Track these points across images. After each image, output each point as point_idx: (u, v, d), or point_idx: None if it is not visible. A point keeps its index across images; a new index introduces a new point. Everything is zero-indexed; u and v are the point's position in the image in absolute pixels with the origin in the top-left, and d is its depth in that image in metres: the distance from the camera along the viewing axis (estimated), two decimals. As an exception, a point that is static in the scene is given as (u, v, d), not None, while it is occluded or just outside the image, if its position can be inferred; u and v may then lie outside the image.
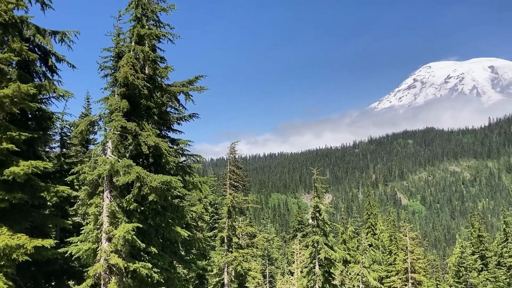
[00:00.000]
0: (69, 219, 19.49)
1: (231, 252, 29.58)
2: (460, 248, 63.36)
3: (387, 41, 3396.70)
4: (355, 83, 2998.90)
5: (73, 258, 16.59)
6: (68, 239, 17.50)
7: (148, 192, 15.84)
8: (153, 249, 16.39)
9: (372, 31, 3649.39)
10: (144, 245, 16.03)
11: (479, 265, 60.18)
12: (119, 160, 16.06)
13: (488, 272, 57.12)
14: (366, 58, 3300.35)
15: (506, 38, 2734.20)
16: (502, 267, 55.29)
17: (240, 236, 31.40)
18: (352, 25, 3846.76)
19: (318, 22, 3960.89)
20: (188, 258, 21.35)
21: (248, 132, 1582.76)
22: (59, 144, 20.91)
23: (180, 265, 21.22)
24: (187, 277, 28.82)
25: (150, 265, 16.02)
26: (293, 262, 53.53)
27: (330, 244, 30.24)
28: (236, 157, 45.82)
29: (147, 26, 17.68)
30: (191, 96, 18.88)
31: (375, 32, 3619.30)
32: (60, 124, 20.33)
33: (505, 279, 53.73)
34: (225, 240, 30.18)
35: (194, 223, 23.59)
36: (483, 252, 62.15)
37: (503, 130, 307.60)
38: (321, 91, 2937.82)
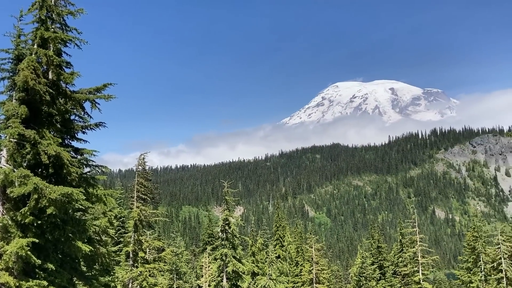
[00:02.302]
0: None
1: (137, 267, 28.61)
2: (361, 259, 67.14)
3: (299, 60, 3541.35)
4: (269, 98, 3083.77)
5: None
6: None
7: (47, 204, 14.87)
8: (50, 266, 15.37)
9: (286, 50, 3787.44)
10: (40, 261, 14.97)
11: (377, 274, 64.14)
12: (15, 170, 14.93)
13: (385, 281, 61.02)
14: (280, 74, 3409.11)
15: (405, 63, 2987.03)
16: (398, 276, 59.36)
17: (147, 250, 30.51)
18: (269, 44, 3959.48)
19: (233, 37, 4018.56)
20: (90, 274, 20.25)
21: (160, 142, 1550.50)
22: None
23: (80, 282, 20.06)
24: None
25: (45, 283, 14.98)
26: (202, 276, 53.00)
27: (238, 257, 30.48)
28: (146, 168, 44.62)
29: (52, 29, 16.75)
30: (98, 104, 18.14)
31: (289, 50, 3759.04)
32: None
33: (400, 287, 57.73)
34: (131, 255, 29.13)
35: (97, 237, 22.45)
36: (381, 262, 66.37)
37: (401, 147, 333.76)
38: (236, 104, 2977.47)
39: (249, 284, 43.44)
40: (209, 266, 50.69)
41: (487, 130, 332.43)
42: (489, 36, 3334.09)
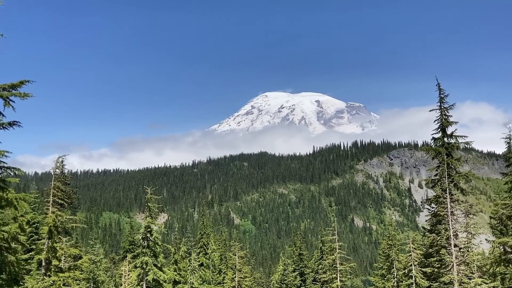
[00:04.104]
0: None
1: (49, 276, 26.95)
2: (283, 266, 68.41)
3: (231, 67, 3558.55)
4: (199, 104, 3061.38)
5: None
6: None
7: None
8: None
9: (217, 56, 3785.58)
10: None
11: (298, 281, 65.68)
12: None
13: None
14: (211, 80, 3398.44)
15: (331, 77, 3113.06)
16: (317, 283, 61.12)
17: (62, 258, 28.88)
18: (200, 49, 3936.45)
19: (163, 41, 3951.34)
20: (-5, 284, 18.79)
21: (82, 145, 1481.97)
22: None
23: (-17, 293, 18.54)
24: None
25: None
26: (121, 285, 51.15)
27: (159, 265, 29.78)
28: (65, 171, 42.35)
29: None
30: (13, 102, 17.00)
31: (221, 57, 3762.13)
32: None
33: (319, 293, 59.46)
34: (43, 263, 27.39)
35: (6, 245, 20.94)
36: (302, 269, 68.05)
37: (324, 158, 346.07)
38: (165, 109, 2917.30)
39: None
40: (128, 275, 49.04)
41: (403, 144, 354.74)
42: (409, 54, 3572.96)
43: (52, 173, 31.64)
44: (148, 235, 29.75)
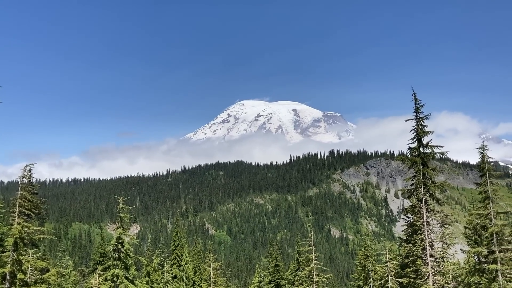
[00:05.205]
0: None
1: (14, 290, 26.12)
2: (258, 277, 68.18)
3: (207, 74, 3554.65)
4: (174, 112, 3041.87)
5: None
6: None
7: None
8: None
9: (193, 65, 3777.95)
10: None
11: (274, 292, 65.47)
12: None
13: (281, 299, 62.46)
14: (186, 88, 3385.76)
15: (308, 86, 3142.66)
16: (293, 294, 61.10)
17: (28, 271, 28.04)
18: (173, 58, 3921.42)
19: (136, 48, 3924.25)
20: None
21: (52, 153, 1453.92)
22: None
23: None
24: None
25: None
26: (91, 299, 49.90)
27: (131, 278, 29.24)
28: (32, 180, 41.29)
29: None
30: (-23, 108, 16.49)
31: (196, 65, 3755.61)
32: None
33: (295, 304, 59.40)
34: (7, 277, 26.53)
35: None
36: (278, 280, 67.92)
37: (301, 167, 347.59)
38: (138, 116, 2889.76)
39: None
40: (99, 288, 47.97)
41: (380, 154, 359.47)
42: (386, 63, 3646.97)
43: (19, 182, 30.81)
44: (120, 246, 29.20)
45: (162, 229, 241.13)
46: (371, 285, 45.71)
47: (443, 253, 32.34)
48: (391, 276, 38.89)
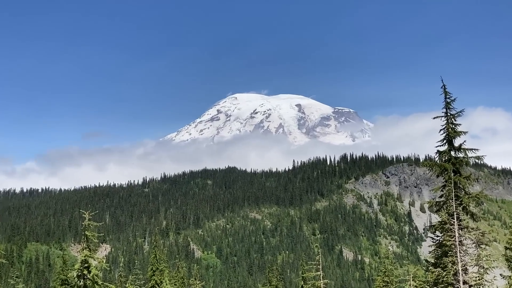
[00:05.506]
0: None
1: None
2: (255, 309, 68.08)
3: (190, 64, 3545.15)
4: (152, 109, 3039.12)
5: None
6: None
7: None
8: None
9: (171, 52, 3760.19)
10: None
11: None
12: None
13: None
14: (165, 80, 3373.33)
15: (315, 77, 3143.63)
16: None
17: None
18: (150, 44, 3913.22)
19: (105, 33, 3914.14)
20: None
21: (3, 158, 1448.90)
22: None
23: None
24: None
25: None
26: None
27: (99, 310, 29.17)
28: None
29: None
30: None
31: (176, 52, 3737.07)
32: None
33: None
34: None
35: None
36: (279, 312, 67.89)
37: (306, 175, 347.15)
38: (109, 113, 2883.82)
39: None
40: (60, 323, 47.91)
41: (402, 159, 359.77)
42: (409, 51, 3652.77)
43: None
44: (85, 272, 29.11)
45: (137, 250, 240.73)
46: (392, 319, 45.75)
47: (479, 279, 32.37)
48: (416, 307, 38.92)
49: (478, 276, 32.56)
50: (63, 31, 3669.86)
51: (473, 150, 34.72)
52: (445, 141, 35.01)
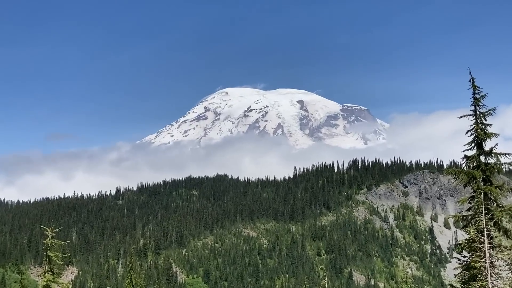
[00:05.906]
0: None
1: None
2: None
3: (173, 54, 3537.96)
4: (127, 106, 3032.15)
5: None
6: None
7: None
8: None
9: (152, 39, 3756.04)
10: None
11: None
12: None
13: None
14: (143, 73, 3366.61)
15: (320, 69, 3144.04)
16: None
17: None
18: (125, 30, 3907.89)
19: (77, 24, 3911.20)
20: None
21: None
22: None
23: None
24: None
25: None
26: None
27: None
28: None
29: None
30: None
31: (157, 40, 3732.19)
32: None
33: None
34: None
35: None
36: None
37: (310, 184, 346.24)
38: (76, 111, 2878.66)
39: None
40: None
41: (422, 165, 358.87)
42: (430, 39, 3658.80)
43: None
44: (48, 300, 29.06)
45: (109, 274, 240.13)
46: None
47: (513, 308, 32.40)
48: None
49: (513, 304, 32.60)
50: (27, 15, 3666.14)
51: (507, 155, 34.67)
52: (473, 144, 34.98)
